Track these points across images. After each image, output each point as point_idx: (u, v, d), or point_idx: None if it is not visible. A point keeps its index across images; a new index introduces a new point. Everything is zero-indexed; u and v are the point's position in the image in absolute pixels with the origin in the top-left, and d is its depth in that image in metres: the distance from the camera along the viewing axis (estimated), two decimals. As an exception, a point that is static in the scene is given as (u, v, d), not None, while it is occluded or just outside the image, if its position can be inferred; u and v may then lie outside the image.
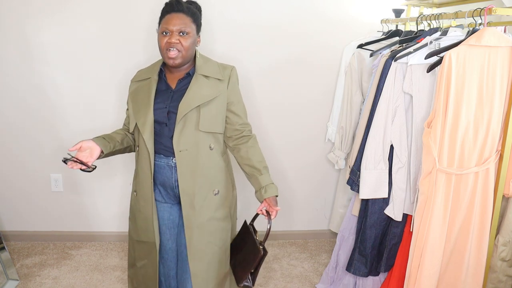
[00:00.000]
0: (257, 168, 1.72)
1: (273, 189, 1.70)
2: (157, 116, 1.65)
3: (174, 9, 1.63)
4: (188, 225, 1.66)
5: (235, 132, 1.75)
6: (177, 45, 1.60)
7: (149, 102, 1.66)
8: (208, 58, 1.75)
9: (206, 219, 1.68)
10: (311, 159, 2.80)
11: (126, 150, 1.81)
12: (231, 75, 1.72)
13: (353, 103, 2.33)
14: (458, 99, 1.57)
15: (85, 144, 1.61)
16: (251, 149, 1.74)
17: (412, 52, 1.77)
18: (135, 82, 1.77)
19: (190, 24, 1.63)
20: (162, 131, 1.67)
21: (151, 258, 1.73)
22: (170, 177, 1.69)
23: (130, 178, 2.76)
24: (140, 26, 2.51)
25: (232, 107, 1.73)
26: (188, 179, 1.65)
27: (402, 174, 1.85)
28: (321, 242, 2.91)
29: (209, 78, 1.68)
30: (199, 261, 1.68)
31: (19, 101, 2.61)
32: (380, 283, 2.08)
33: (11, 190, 2.76)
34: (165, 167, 1.69)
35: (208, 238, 1.69)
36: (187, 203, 1.66)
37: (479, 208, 1.66)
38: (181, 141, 1.63)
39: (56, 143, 2.69)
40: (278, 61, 2.61)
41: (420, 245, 1.68)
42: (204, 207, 1.68)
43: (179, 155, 1.63)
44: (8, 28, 2.48)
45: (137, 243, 1.78)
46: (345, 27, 2.57)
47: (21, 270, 2.51)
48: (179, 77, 1.70)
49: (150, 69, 1.76)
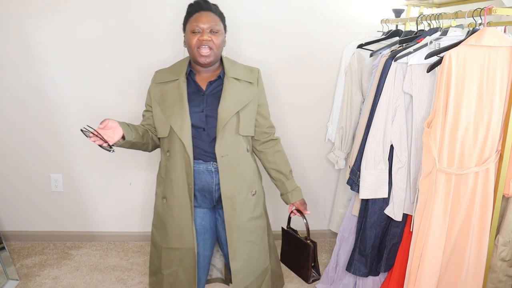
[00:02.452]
0: (283, 173, 1.80)
1: (299, 193, 1.82)
2: (194, 121, 1.62)
3: (202, 7, 1.62)
4: (230, 227, 1.68)
5: (264, 135, 1.78)
6: (209, 43, 1.58)
7: (183, 105, 1.61)
8: (234, 61, 1.75)
9: (246, 220, 1.71)
10: (311, 159, 2.80)
11: (143, 147, 1.73)
12: (259, 77, 1.76)
13: (353, 103, 2.33)
14: (458, 99, 1.57)
15: (111, 123, 1.53)
16: (278, 153, 1.81)
17: (412, 52, 1.77)
18: (158, 83, 1.71)
19: (219, 22, 1.64)
20: (199, 136, 1.64)
21: (185, 264, 1.70)
22: (210, 182, 1.68)
23: (130, 178, 2.77)
24: (140, 26, 2.51)
25: (260, 109, 1.75)
26: (229, 183, 1.66)
27: (402, 174, 1.85)
28: (321, 242, 2.91)
29: (241, 81, 1.68)
30: (240, 259, 1.71)
31: (19, 101, 2.61)
32: (380, 283, 2.08)
33: (11, 190, 2.76)
34: (205, 172, 1.67)
35: (247, 238, 1.73)
36: (229, 206, 1.67)
37: (479, 208, 1.66)
38: (223, 146, 1.63)
39: (56, 143, 2.69)
40: (278, 61, 2.61)
41: (420, 245, 1.68)
42: (245, 209, 1.70)
43: (221, 161, 1.63)
44: (8, 28, 2.48)
45: (165, 251, 1.73)
46: (345, 27, 2.57)
47: (21, 270, 2.51)
48: (208, 79, 1.68)
49: (174, 70, 1.71)
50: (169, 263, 1.73)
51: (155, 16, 2.50)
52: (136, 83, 2.59)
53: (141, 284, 2.40)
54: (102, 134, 1.49)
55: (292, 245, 1.88)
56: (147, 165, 2.75)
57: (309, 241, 1.79)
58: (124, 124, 1.60)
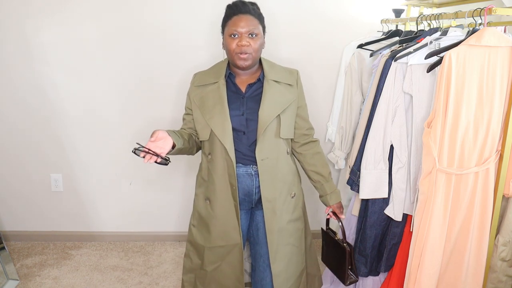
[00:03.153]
0: (323, 175, 1.80)
1: (337, 195, 1.82)
2: (235, 124, 1.61)
3: (241, 10, 1.59)
4: (270, 230, 1.68)
5: (303, 137, 1.77)
6: (247, 48, 1.56)
7: (224, 108, 1.60)
8: (273, 62, 1.74)
9: (286, 222, 1.72)
10: (311, 159, 2.79)
11: (189, 151, 1.72)
12: (298, 78, 1.74)
13: (353, 103, 2.33)
14: (458, 99, 1.57)
15: (161, 134, 1.49)
16: (317, 155, 1.80)
17: (412, 52, 1.77)
18: (197, 86, 1.70)
19: (257, 25, 1.60)
20: (240, 139, 1.64)
21: (230, 258, 1.71)
22: (250, 185, 1.68)
23: (131, 177, 2.76)
24: (141, 26, 2.51)
25: (300, 111, 1.74)
26: (269, 186, 1.66)
27: (402, 174, 1.85)
28: (321, 242, 2.90)
29: (280, 83, 1.67)
30: (281, 262, 1.71)
31: (19, 101, 2.61)
32: (380, 283, 2.08)
33: (11, 190, 2.76)
34: (245, 175, 1.67)
35: (287, 240, 1.73)
36: (269, 209, 1.67)
37: (479, 208, 1.66)
38: (264, 150, 1.62)
39: (56, 143, 2.69)
40: (278, 61, 2.60)
41: (420, 245, 1.68)
42: (284, 211, 1.70)
43: (261, 164, 1.63)
44: (8, 28, 2.48)
45: (208, 249, 1.74)
46: (345, 27, 2.57)
47: (21, 270, 2.51)
48: (248, 82, 1.66)
49: (213, 73, 1.69)
50: (213, 260, 1.74)
51: (155, 16, 2.50)
52: (136, 83, 2.59)
53: (141, 284, 2.40)
54: (154, 148, 1.44)
55: (331, 246, 1.89)
56: (147, 165, 2.75)
57: (346, 244, 1.79)
58: (171, 131, 1.58)
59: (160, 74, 2.59)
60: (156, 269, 2.56)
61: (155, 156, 1.42)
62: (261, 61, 1.70)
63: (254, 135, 1.62)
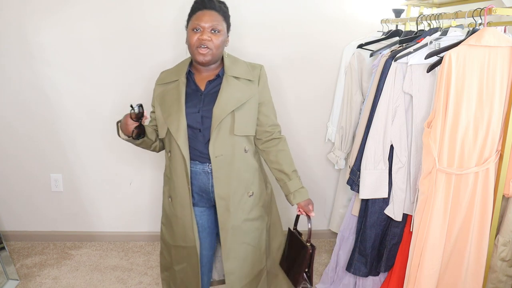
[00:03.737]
0: (286, 173, 1.73)
1: (303, 193, 1.75)
2: (190, 121, 1.61)
3: (206, 6, 1.60)
4: (223, 227, 1.67)
5: (265, 134, 1.74)
6: (208, 43, 1.57)
7: (180, 106, 1.61)
8: (237, 58, 1.72)
9: (241, 221, 1.69)
10: (311, 159, 2.79)
11: (151, 146, 1.75)
12: (261, 74, 1.70)
13: (353, 103, 2.33)
14: (458, 99, 1.57)
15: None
16: (281, 153, 1.74)
17: (412, 52, 1.77)
18: (160, 85, 1.71)
19: (221, 22, 1.61)
20: (196, 137, 1.63)
21: (191, 261, 1.72)
22: (207, 183, 1.68)
23: (131, 177, 2.76)
24: (141, 26, 2.51)
25: (262, 107, 1.71)
26: (223, 184, 1.64)
27: (402, 174, 1.85)
28: (321, 242, 2.91)
29: (240, 79, 1.65)
30: (234, 260, 1.70)
31: (19, 101, 2.61)
32: (380, 283, 2.08)
33: (11, 190, 2.76)
34: (201, 173, 1.67)
35: (242, 239, 1.71)
36: (222, 206, 1.66)
37: (479, 208, 1.66)
38: (217, 147, 1.61)
39: (56, 143, 2.69)
40: (278, 61, 2.61)
41: (420, 245, 1.68)
42: (239, 210, 1.68)
43: (215, 161, 1.61)
44: (8, 28, 2.48)
45: (174, 248, 1.76)
46: (345, 27, 2.57)
47: (21, 270, 2.51)
48: (208, 79, 1.66)
49: (176, 71, 1.70)
50: (179, 260, 1.75)
51: (155, 16, 2.50)
52: (136, 83, 2.59)
53: (141, 284, 2.40)
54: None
55: (293, 247, 1.84)
56: (147, 165, 2.75)
57: (309, 244, 1.71)
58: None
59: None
60: (156, 269, 2.56)
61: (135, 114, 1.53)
62: (223, 57, 1.68)
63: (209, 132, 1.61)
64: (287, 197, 1.76)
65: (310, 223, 1.73)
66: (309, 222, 1.73)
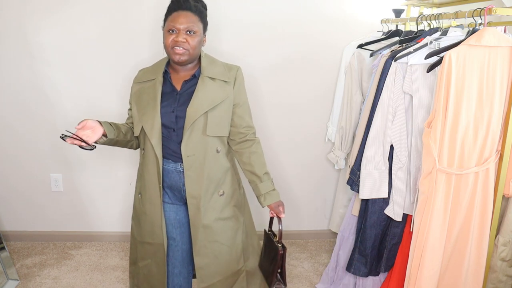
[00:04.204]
0: (257, 175, 1.74)
1: (273, 196, 1.75)
2: (165, 121, 1.62)
3: (181, 7, 1.59)
4: (194, 225, 1.69)
5: (239, 135, 1.74)
6: (184, 44, 1.57)
7: (156, 105, 1.62)
8: (214, 59, 1.72)
9: (212, 220, 1.70)
10: (311, 159, 2.80)
11: (127, 145, 1.76)
12: (237, 76, 1.70)
13: (353, 103, 2.33)
14: (458, 99, 1.57)
15: (90, 123, 1.55)
16: (254, 155, 1.74)
17: (412, 52, 1.77)
18: (138, 83, 1.72)
19: (197, 22, 1.60)
20: (169, 136, 1.65)
21: (157, 258, 1.73)
22: (178, 181, 1.69)
23: (131, 177, 2.76)
24: (141, 26, 2.50)
25: (237, 109, 1.71)
26: (194, 183, 1.66)
27: (402, 174, 1.85)
28: (321, 242, 2.91)
29: (215, 80, 1.65)
30: (204, 257, 1.71)
31: (19, 101, 2.61)
32: (380, 283, 2.08)
33: (11, 190, 2.76)
34: (173, 171, 1.68)
35: (214, 237, 1.71)
36: (193, 205, 1.67)
37: (479, 208, 1.66)
38: (189, 146, 1.62)
39: (56, 143, 2.69)
40: (278, 61, 2.61)
41: (420, 245, 1.68)
42: (210, 209, 1.69)
43: (187, 160, 1.63)
44: (8, 28, 2.48)
45: (140, 244, 1.78)
46: (345, 27, 2.57)
47: (21, 270, 2.51)
48: (184, 78, 1.67)
49: (153, 70, 1.71)
50: (144, 256, 1.77)
51: (155, 15, 2.50)
52: (136, 83, 2.59)
53: (141, 284, 2.40)
54: (81, 135, 1.52)
55: (268, 248, 1.84)
56: (147, 165, 2.75)
57: (280, 245, 1.72)
58: (106, 123, 1.62)
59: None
60: (156, 269, 2.56)
61: (78, 141, 1.49)
62: (201, 57, 1.68)
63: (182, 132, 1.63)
64: (258, 199, 1.77)
65: (280, 224, 1.73)
66: (279, 223, 1.73)
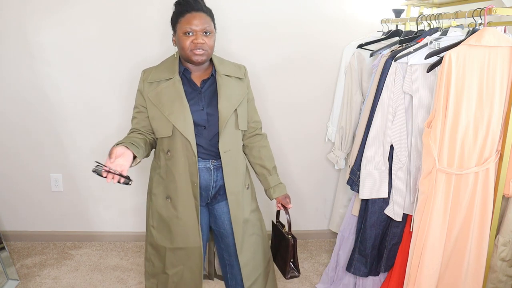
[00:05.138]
0: (267, 169, 1.82)
1: (282, 188, 1.83)
2: (196, 119, 1.62)
3: (193, 8, 1.58)
4: (236, 221, 1.71)
5: (250, 129, 1.81)
6: (203, 45, 1.57)
7: (183, 103, 1.60)
8: (222, 58, 1.76)
9: (249, 213, 1.76)
10: (311, 159, 2.80)
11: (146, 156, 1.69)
12: (246, 73, 1.78)
13: (353, 103, 2.33)
14: (458, 99, 1.57)
15: (118, 150, 1.44)
16: (263, 149, 1.83)
17: (412, 52, 1.77)
18: (150, 83, 1.67)
19: (210, 22, 1.61)
20: (200, 134, 1.64)
21: (190, 263, 1.72)
22: (209, 180, 1.70)
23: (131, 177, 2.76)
24: (141, 26, 2.50)
25: (248, 104, 1.78)
26: (233, 179, 1.70)
27: (402, 174, 1.85)
28: (321, 242, 2.91)
29: (232, 77, 1.70)
30: (246, 252, 1.75)
31: (19, 101, 2.61)
32: (380, 283, 2.08)
33: (11, 190, 2.76)
34: (204, 170, 1.68)
35: (252, 230, 1.77)
36: (234, 201, 1.70)
37: (479, 208, 1.66)
38: (226, 142, 1.65)
39: (56, 143, 2.69)
40: (278, 60, 2.61)
41: (420, 245, 1.68)
42: (245, 203, 1.75)
43: (224, 156, 1.65)
44: (8, 28, 2.48)
45: (170, 251, 1.72)
46: (345, 27, 2.57)
47: (21, 270, 2.51)
48: (202, 78, 1.68)
49: (166, 69, 1.68)
50: (175, 263, 1.73)
51: (155, 15, 2.50)
52: (137, 83, 2.59)
53: (141, 284, 2.40)
54: (114, 167, 1.39)
55: (277, 239, 1.92)
56: (147, 165, 2.75)
57: (290, 236, 1.80)
58: (129, 144, 1.52)
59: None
60: (156, 269, 2.56)
61: (117, 175, 1.38)
62: (212, 57, 1.71)
63: (214, 129, 1.65)
64: (266, 192, 1.84)
65: (288, 215, 1.80)
66: (287, 214, 1.81)
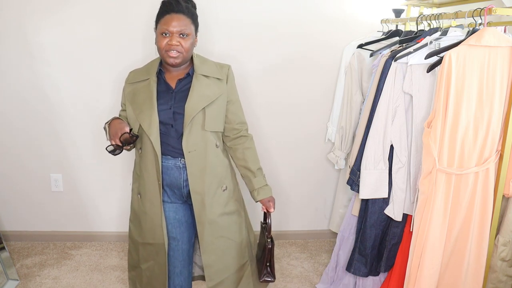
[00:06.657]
0: (251, 171, 1.80)
1: (266, 191, 1.81)
2: (162, 117, 1.65)
3: (174, 9, 1.61)
4: (200, 222, 1.71)
5: (233, 131, 1.79)
6: (177, 47, 1.60)
7: (152, 103, 1.65)
8: (205, 58, 1.77)
9: (217, 215, 1.73)
10: (311, 159, 2.80)
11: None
12: (229, 73, 1.76)
13: (353, 103, 2.33)
14: (458, 99, 1.57)
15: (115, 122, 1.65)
16: (248, 150, 1.81)
17: (412, 52, 1.77)
18: (130, 84, 1.76)
19: (189, 25, 1.63)
20: (168, 133, 1.67)
21: (159, 259, 1.74)
22: (178, 178, 1.71)
23: (130, 178, 2.76)
24: (140, 26, 2.50)
25: (230, 106, 1.77)
26: (197, 179, 1.68)
27: (402, 174, 1.85)
28: (321, 242, 2.91)
29: (209, 77, 1.70)
30: (211, 254, 1.74)
31: (19, 101, 2.61)
32: (380, 283, 2.08)
33: (11, 190, 2.76)
34: (173, 168, 1.70)
35: (220, 233, 1.75)
36: (198, 201, 1.70)
37: (479, 208, 1.66)
38: (190, 142, 1.65)
39: (56, 143, 2.69)
40: (278, 60, 2.61)
41: (420, 245, 1.68)
42: (214, 204, 1.72)
43: (188, 156, 1.66)
44: (8, 28, 2.48)
45: (141, 246, 1.78)
46: (345, 27, 2.57)
47: (21, 270, 2.51)
48: (178, 77, 1.70)
49: (146, 70, 1.75)
50: (146, 258, 1.78)
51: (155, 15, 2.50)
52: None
53: (141, 284, 2.40)
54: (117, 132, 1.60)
55: (261, 241, 1.91)
56: (147, 165, 2.75)
57: (269, 239, 1.78)
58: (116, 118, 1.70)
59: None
60: (156, 269, 2.56)
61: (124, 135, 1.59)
62: (193, 57, 1.73)
63: (182, 127, 1.66)
64: (251, 194, 1.83)
65: (269, 219, 1.81)
66: (269, 218, 1.80)
